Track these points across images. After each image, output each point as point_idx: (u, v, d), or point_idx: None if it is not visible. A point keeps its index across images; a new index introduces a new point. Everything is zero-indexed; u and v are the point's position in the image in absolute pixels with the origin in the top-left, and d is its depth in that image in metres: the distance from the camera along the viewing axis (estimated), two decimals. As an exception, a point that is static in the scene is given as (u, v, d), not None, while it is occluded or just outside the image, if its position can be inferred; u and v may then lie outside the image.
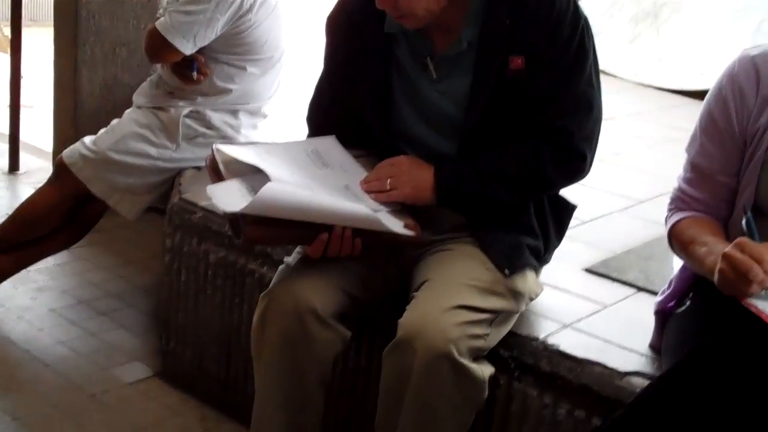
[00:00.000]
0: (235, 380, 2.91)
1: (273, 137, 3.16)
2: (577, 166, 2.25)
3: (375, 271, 2.28)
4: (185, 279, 3.00)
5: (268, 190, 2.01)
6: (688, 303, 2.09)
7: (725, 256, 1.75)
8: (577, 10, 2.18)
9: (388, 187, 2.20)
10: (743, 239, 1.77)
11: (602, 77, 2.30)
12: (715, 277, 1.78)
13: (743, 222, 1.88)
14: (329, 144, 2.34)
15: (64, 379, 3.06)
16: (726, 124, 2.01)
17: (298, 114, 2.48)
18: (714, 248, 1.89)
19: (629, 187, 3.63)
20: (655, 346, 2.22)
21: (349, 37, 2.31)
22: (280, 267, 2.29)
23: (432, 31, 2.23)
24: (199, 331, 2.99)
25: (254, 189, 2.07)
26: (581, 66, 2.19)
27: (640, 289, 2.63)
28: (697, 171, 2.07)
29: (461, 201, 2.24)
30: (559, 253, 2.49)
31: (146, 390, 3.06)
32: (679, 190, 2.12)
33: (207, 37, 3.18)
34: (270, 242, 2.58)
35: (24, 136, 5.05)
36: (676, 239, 2.08)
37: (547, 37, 2.14)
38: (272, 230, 2.09)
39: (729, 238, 1.95)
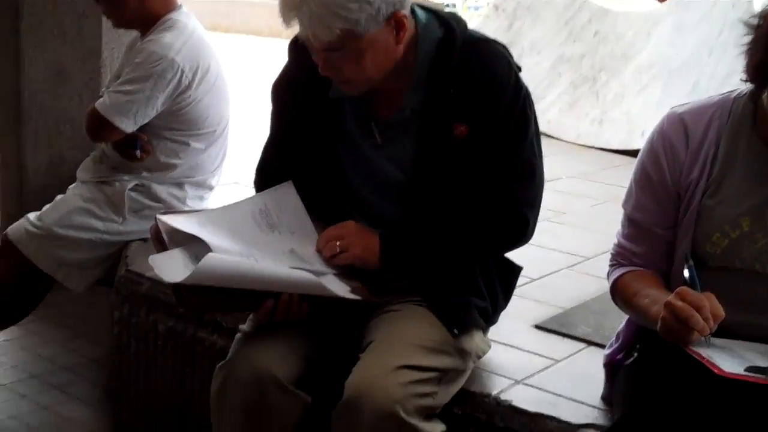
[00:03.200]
0: (189, 451, 2.88)
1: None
2: (520, 231, 2.29)
3: (328, 332, 2.28)
4: (135, 350, 2.98)
5: (208, 260, 2.01)
6: (635, 354, 2.12)
7: (667, 305, 1.79)
8: (518, 80, 2.22)
9: (338, 250, 2.22)
10: (684, 288, 1.81)
11: (545, 140, 2.35)
12: (658, 325, 1.81)
13: (685, 270, 1.92)
14: (283, 195, 2.32)
15: (15, 456, 3.01)
16: (659, 178, 2.05)
17: (246, 183, 2.49)
18: (657, 299, 1.92)
19: (575, 245, 3.67)
20: (607, 399, 2.24)
21: (295, 103, 2.33)
22: (237, 336, 2.28)
23: (376, 98, 2.26)
24: (152, 401, 2.96)
25: (197, 257, 2.07)
26: (523, 134, 2.23)
27: (590, 343, 2.65)
28: (634, 225, 2.11)
29: (406, 266, 2.26)
30: (509, 310, 2.51)
31: (99, 463, 3.02)
32: (619, 245, 2.15)
33: (147, 114, 3.20)
34: (214, 310, 2.58)
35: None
36: (619, 294, 2.11)
37: (491, 106, 2.18)
38: (216, 298, 2.09)
39: (671, 289, 1.99)
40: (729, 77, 5.66)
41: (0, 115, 4.26)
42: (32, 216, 3.32)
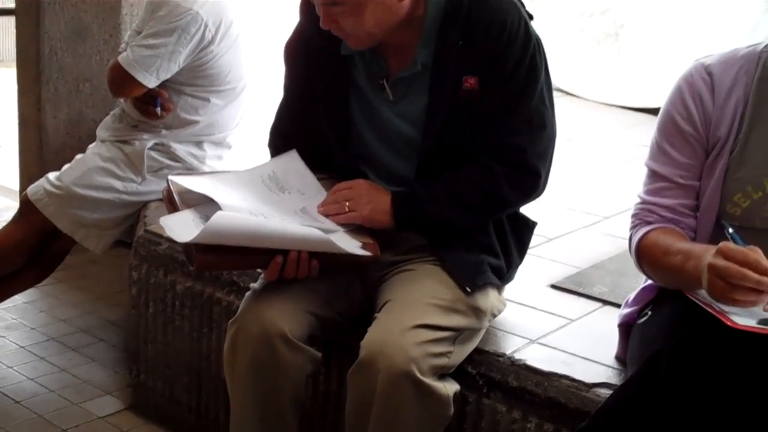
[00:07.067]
0: (207, 409, 2.90)
1: (238, 167, 3.17)
2: (532, 183, 2.26)
3: (339, 290, 2.29)
4: (153, 311, 3.00)
5: (217, 218, 2.02)
6: (649, 313, 2.11)
7: (710, 268, 1.73)
8: (528, 29, 2.19)
9: (346, 210, 2.22)
10: (725, 245, 1.74)
11: (565, 98, 2.33)
12: (704, 286, 1.76)
13: (729, 228, 1.88)
14: (288, 162, 2.35)
15: (36, 415, 3.05)
16: (689, 125, 2.01)
17: (262, 143, 2.50)
18: (691, 253, 1.86)
19: (594, 204, 3.65)
20: (621, 357, 2.24)
21: (307, 61, 2.33)
22: (247, 293, 2.29)
23: (387, 53, 2.25)
24: (169, 361, 2.98)
25: (207, 218, 2.08)
26: (533, 85, 2.20)
27: (605, 302, 2.65)
28: (660, 178, 2.05)
29: (419, 225, 2.26)
30: (525, 270, 2.51)
31: (118, 423, 3.04)
32: (643, 202, 2.09)
33: (170, 69, 3.20)
34: (223, 268, 2.59)
35: (-10, 176, 5.04)
36: (646, 254, 2.03)
37: (499, 57, 2.16)
38: (225, 257, 2.11)
39: None
40: (754, 31, 5.60)
41: (19, 74, 4.26)
42: (52, 176, 3.33)
